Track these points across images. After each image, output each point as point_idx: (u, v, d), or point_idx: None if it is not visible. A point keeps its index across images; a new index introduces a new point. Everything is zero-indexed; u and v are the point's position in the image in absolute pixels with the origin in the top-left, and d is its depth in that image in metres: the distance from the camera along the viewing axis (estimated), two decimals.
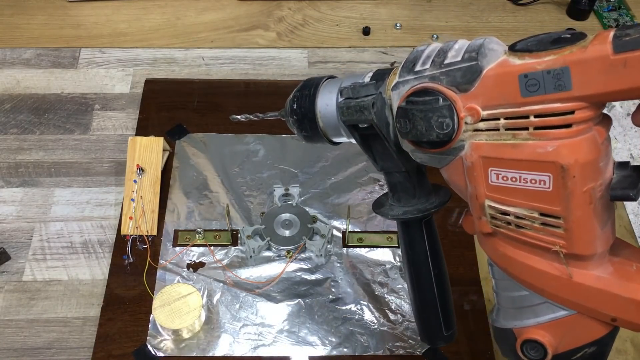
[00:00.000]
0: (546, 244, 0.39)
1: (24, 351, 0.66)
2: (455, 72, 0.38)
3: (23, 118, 0.86)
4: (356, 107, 0.45)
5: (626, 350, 0.69)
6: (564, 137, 0.35)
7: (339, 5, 1.03)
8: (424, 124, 0.40)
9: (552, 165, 0.36)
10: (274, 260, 0.72)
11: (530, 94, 0.35)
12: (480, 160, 0.39)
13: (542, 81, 0.35)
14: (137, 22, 0.99)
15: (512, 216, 0.39)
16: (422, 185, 0.48)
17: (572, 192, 0.36)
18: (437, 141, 0.40)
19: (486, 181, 0.39)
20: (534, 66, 0.35)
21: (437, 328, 0.51)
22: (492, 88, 0.37)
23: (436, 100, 0.39)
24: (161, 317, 0.64)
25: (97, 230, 0.76)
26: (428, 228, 0.50)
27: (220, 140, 0.83)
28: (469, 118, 0.38)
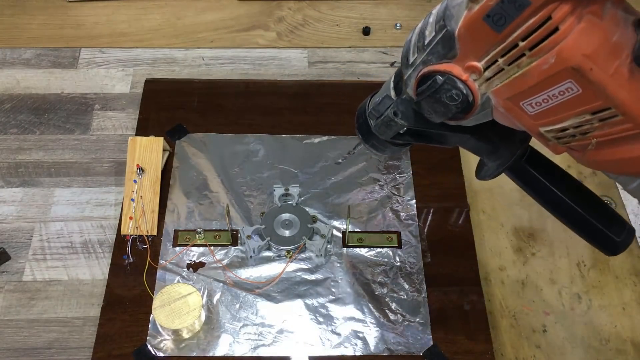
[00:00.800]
0: (619, 134, 0.38)
1: (24, 351, 0.66)
2: (436, 47, 0.40)
3: (23, 118, 0.86)
4: (383, 124, 0.48)
5: (626, 350, 0.69)
6: (558, 42, 0.35)
7: (339, 5, 1.03)
8: (440, 105, 0.41)
9: (565, 72, 0.36)
10: (274, 260, 0.72)
11: (502, 27, 0.36)
12: (507, 102, 0.39)
13: (503, 11, 0.36)
14: (137, 22, 0.99)
15: (571, 129, 0.39)
16: (497, 135, 0.48)
17: (601, 82, 0.35)
18: (460, 110, 0.41)
19: (527, 114, 0.40)
20: (488, 4, 0.36)
21: (608, 239, 0.49)
22: (472, 41, 0.38)
23: (434, 81, 0.40)
24: (161, 317, 0.64)
25: (97, 230, 0.76)
26: (533, 163, 0.49)
27: (220, 140, 0.83)
28: (473, 75, 0.39)
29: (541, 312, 0.71)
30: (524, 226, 0.78)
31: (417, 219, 0.76)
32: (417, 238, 0.74)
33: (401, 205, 0.77)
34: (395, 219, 0.76)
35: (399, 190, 0.79)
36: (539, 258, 0.75)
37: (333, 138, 0.83)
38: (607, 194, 0.80)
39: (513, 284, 0.73)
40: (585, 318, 0.71)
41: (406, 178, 0.80)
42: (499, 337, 0.69)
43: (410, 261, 0.73)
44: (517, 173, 0.49)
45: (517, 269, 0.74)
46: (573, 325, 0.70)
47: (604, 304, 0.72)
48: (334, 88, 0.90)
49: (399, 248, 0.74)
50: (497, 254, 0.76)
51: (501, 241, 0.77)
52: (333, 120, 0.85)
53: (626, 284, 0.74)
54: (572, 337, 0.70)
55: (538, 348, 0.69)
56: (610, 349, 0.69)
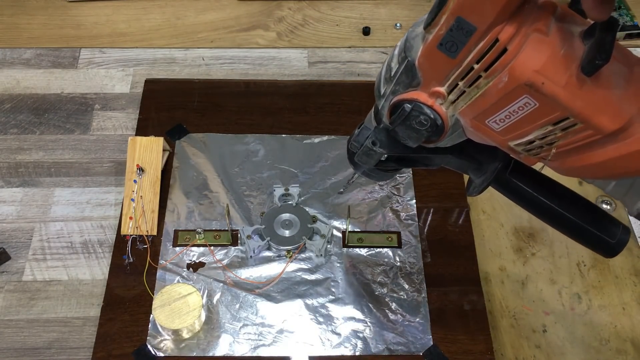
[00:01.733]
0: (584, 141, 0.39)
1: (24, 351, 0.66)
2: (401, 77, 0.42)
3: (23, 118, 0.86)
4: (363, 153, 0.50)
5: (626, 351, 0.69)
6: (509, 61, 0.37)
7: (339, 5, 1.03)
8: (412, 131, 0.44)
9: (519, 89, 0.37)
10: (274, 260, 0.72)
11: (456, 53, 0.38)
12: (474, 121, 0.41)
13: (454, 39, 0.38)
14: (137, 22, 0.99)
15: (537, 140, 0.40)
16: (478, 152, 0.50)
17: (554, 94, 0.37)
18: (432, 133, 0.43)
19: (494, 131, 0.41)
20: (439, 33, 0.38)
21: (603, 242, 0.50)
22: (431, 68, 0.40)
23: (403, 109, 0.43)
24: (161, 317, 0.64)
25: (97, 230, 0.76)
26: (518, 174, 0.50)
27: (220, 140, 0.83)
28: (439, 100, 0.41)
29: (541, 312, 0.71)
30: (524, 226, 0.78)
31: (417, 219, 0.76)
32: (417, 238, 0.74)
33: (401, 205, 0.77)
34: (395, 219, 0.76)
35: (399, 190, 0.79)
36: (539, 258, 0.75)
37: (333, 138, 0.83)
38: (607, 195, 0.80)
39: (513, 284, 0.73)
40: (585, 318, 0.71)
41: (406, 178, 0.80)
42: (499, 337, 0.69)
43: (410, 261, 0.73)
44: (503, 185, 0.50)
45: (517, 269, 0.74)
46: (573, 325, 0.70)
47: (604, 304, 0.72)
48: (334, 88, 0.90)
49: (399, 248, 0.74)
50: (497, 254, 0.76)
51: (501, 241, 0.77)
52: (333, 120, 0.85)
53: (626, 284, 0.74)
54: (572, 337, 0.70)
55: (538, 348, 0.69)
56: (610, 349, 0.69)
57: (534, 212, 0.51)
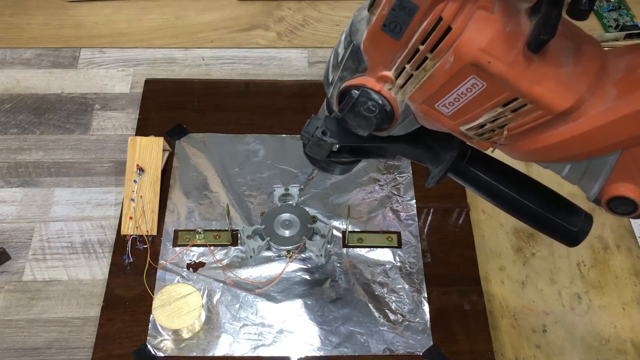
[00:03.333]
0: (534, 122, 0.38)
1: (24, 351, 0.66)
2: (348, 63, 0.41)
3: (23, 118, 0.86)
4: (314, 144, 0.48)
5: (626, 351, 0.69)
6: (454, 41, 0.36)
7: (339, 5, 1.03)
8: (360, 118, 0.42)
9: (466, 69, 0.36)
10: (274, 260, 0.72)
11: (400, 34, 0.37)
12: (423, 106, 0.40)
13: (397, 19, 0.36)
14: (137, 22, 0.99)
15: (488, 124, 0.40)
16: (434, 140, 0.48)
17: (501, 73, 0.36)
18: (382, 120, 0.42)
19: (444, 116, 0.40)
20: (381, 14, 0.37)
21: (565, 230, 0.49)
22: (377, 52, 0.39)
23: (351, 96, 0.41)
24: (161, 317, 0.64)
25: (97, 230, 0.76)
26: (476, 163, 0.49)
27: (220, 140, 0.83)
28: (386, 85, 0.40)
29: (541, 312, 0.71)
30: (524, 226, 0.77)
31: (417, 219, 0.76)
32: (417, 238, 0.74)
33: (401, 205, 0.77)
34: (395, 219, 0.76)
35: (399, 190, 0.79)
36: (539, 258, 0.75)
37: None
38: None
39: (513, 284, 0.73)
40: (585, 318, 0.71)
41: (406, 178, 0.80)
42: (499, 337, 0.69)
43: (410, 261, 0.73)
44: (461, 174, 0.49)
45: (517, 269, 0.74)
46: (573, 325, 0.70)
47: (604, 304, 0.72)
48: None
49: (399, 248, 0.74)
50: (497, 254, 0.76)
51: (501, 241, 0.77)
52: None
53: (626, 284, 0.74)
54: (572, 337, 0.70)
55: (538, 348, 0.69)
56: (610, 349, 0.69)
57: (494, 201, 0.50)
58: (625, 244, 0.77)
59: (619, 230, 0.78)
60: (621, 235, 0.77)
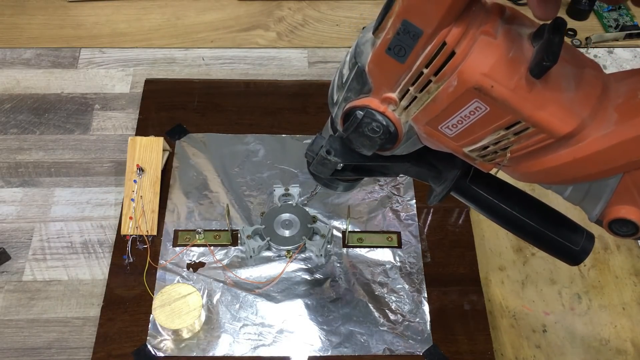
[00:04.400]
0: (537, 145, 0.38)
1: (24, 351, 0.66)
2: (353, 84, 0.41)
3: (23, 118, 0.86)
4: (319, 163, 0.49)
5: (626, 351, 0.69)
6: (457, 65, 0.36)
7: (339, 5, 1.03)
8: (364, 138, 0.43)
9: (469, 93, 0.37)
10: (274, 260, 0.72)
11: (404, 57, 0.37)
12: (427, 127, 0.41)
13: (401, 43, 0.37)
14: (137, 22, 0.99)
15: (491, 146, 0.40)
16: (437, 159, 0.49)
17: (504, 97, 0.36)
18: (387, 140, 0.42)
19: (447, 137, 0.41)
20: (386, 37, 0.37)
21: (566, 249, 0.49)
22: (381, 74, 0.39)
23: (355, 116, 0.42)
24: (161, 317, 0.64)
25: (97, 230, 0.76)
26: (478, 182, 0.49)
27: (220, 140, 0.83)
28: (391, 106, 0.41)
29: (541, 312, 0.71)
30: None
31: (417, 219, 0.76)
32: (417, 238, 0.74)
33: (401, 205, 0.77)
34: (395, 219, 0.76)
35: (399, 190, 0.79)
36: (539, 258, 0.75)
37: None
38: None
39: (513, 284, 0.73)
40: (585, 318, 0.71)
41: (406, 178, 0.80)
42: (499, 337, 0.69)
43: (410, 261, 0.73)
44: (463, 193, 0.49)
45: (517, 269, 0.74)
46: (573, 325, 0.70)
47: (604, 304, 0.72)
48: None
49: (399, 248, 0.74)
50: (497, 254, 0.76)
51: (501, 241, 0.77)
52: None
53: (626, 284, 0.74)
54: (572, 337, 0.70)
55: (538, 348, 0.69)
56: (610, 349, 0.69)
57: (496, 219, 0.50)
58: (625, 244, 0.77)
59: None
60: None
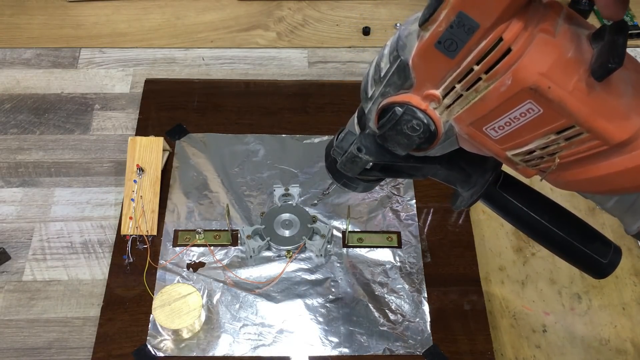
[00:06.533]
0: (588, 152, 0.37)
1: (24, 351, 0.66)
2: (392, 78, 0.39)
3: (23, 118, 0.86)
4: (348, 160, 0.47)
5: (626, 351, 0.69)
6: (513, 63, 0.34)
7: (339, 5, 1.03)
8: (402, 137, 0.41)
9: (523, 93, 0.35)
10: (274, 260, 0.72)
11: (455, 52, 0.36)
12: (470, 128, 0.39)
13: (454, 36, 0.35)
14: (137, 22, 0.99)
15: (537, 150, 0.38)
16: (468, 163, 0.47)
17: (561, 99, 0.34)
18: (424, 140, 0.41)
19: (491, 139, 0.39)
20: (437, 30, 0.35)
21: (593, 262, 0.48)
22: (427, 70, 0.38)
23: (394, 113, 0.40)
24: (161, 317, 0.64)
25: (97, 230, 0.76)
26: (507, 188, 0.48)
27: (220, 140, 0.83)
28: (432, 104, 0.39)
29: (541, 312, 0.71)
30: None
31: (417, 219, 0.76)
32: (417, 238, 0.74)
33: (401, 205, 0.77)
34: (395, 219, 0.76)
35: (399, 190, 0.79)
36: (539, 258, 0.75)
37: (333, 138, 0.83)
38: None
39: (513, 284, 0.73)
40: (585, 318, 0.71)
41: None
42: (499, 337, 0.69)
43: (410, 261, 0.73)
44: (492, 200, 0.48)
45: (517, 269, 0.74)
46: (573, 325, 0.70)
47: (604, 304, 0.72)
48: (334, 88, 0.90)
49: (399, 248, 0.74)
50: (497, 254, 0.76)
51: (501, 241, 0.77)
52: (333, 120, 0.85)
53: (626, 284, 0.74)
54: (572, 337, 0.70)
55: (538, 348, 0.69)
56: (610, 349, 0.69)
57: (523, 228, 0.49)
58: (625, 244, 0.77)
59: (619, 230, 0.78)
60: (621, 235, 0.77)
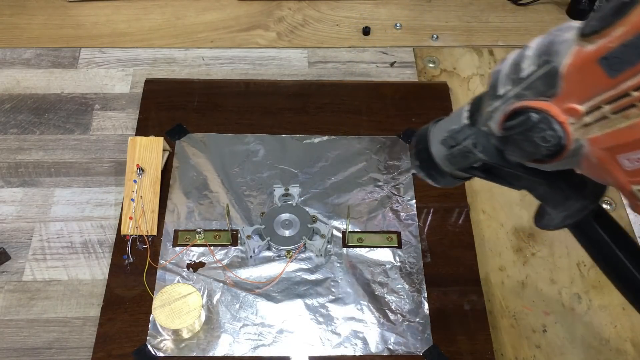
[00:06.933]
0: None
1: (24, 351, 0.66)
2: (536, 83, 0.37)
3: (23, 118, 0.86)
4: (460, 154, 0.45)
5: (626, 351, 0.69)
6: None
7: (339, 5, 1.03)
8: (529, 144, 0.39)
9: None
10: (274, 260, 0.72)
11: (618, 72, 0.33)
12: (604, 152, 0.36)
13: (623, 56, 0.32)
14: (137, 22, 0.99)
15: None
16: (570, 185, 0.45)
17: None
18: (550, 153, 0.38)
19: (622, 169, 0.36)
20: (608, 45, 0.33)
21: None
22: (579, 82, 0.35)
23: (528, 118, 0.38)
24: (161, 317, 0.64)
25: (97, 230, 0.76)
26: (600, 221, 0.46)
27: (220, 140, 0.83)
28: (571, 119, 0.36)
29: (541, 312, 0.71)
30: (524, 226, 0.78)
31: (417, 219, 0.76)
32: (417, 238, 0.74)
33: (401, 205, 0.77)
34: (395, 219, 0.76)
35: (399, 190, 0.79)
36: (539, 258, 0.75)
37: (333, 138, 0.83)
38: (607, 194, 0.80)
39: (513, 284, 0.73)
40: (585, 318, 0.71)
41: (406, 178, 0.80)
42: (499, 337, 0.69)
43: (410, 261, 0.73)
44: (582, 229, 0.46)
45: (517, 269, 0.74)
46: (573, 325, 0.70)
47: (604, 304, 0.72)
48: (334, 88, 0.90)
49: (399, 248, 0.74)
50: (497, 254, 0.76)
51: (501, 241, 0.77)
52: (333, 120, 0.85)
53: None
54: (572, 337, 0.70)
55: (538, 348, 0.69)
56: (610, 349, 0.69)
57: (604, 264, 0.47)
58: None
59: None
60: None
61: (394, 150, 0.82)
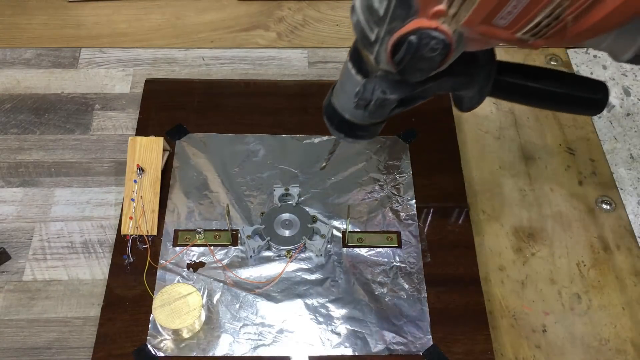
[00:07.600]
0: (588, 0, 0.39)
1: (24, 351, 0.66)
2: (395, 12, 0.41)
3: (23, 118, 0.86)
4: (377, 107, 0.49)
5: (626, 351, 0.69)
6: None
7: (339, 5, 1.03)
8: (423, 62, 0.42)
9: None
10: (274, 260, 0.72)
11: None
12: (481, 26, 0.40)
13: None
14: (137, 22, 0.99)
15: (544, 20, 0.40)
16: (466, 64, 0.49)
17: None
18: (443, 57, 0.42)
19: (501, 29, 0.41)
20: None
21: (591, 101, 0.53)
22: None
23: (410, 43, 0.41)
24: (161, 317, 0.64)
25: (97, 230, 0.76)
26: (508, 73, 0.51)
27: (220, 140, 0.83)
28: (440, 19, 0.41)
29: (541, 312, 0.71)
30: (524, 226, 0.78)
31: (417, 219, 0.76)
32: (417, 238, 0.74)
33: (401, 205, 0.77)
34: (395, 219, 0.76)
35: (399, 190, 0.79)
36: (539, 258, 0.75)
37: (333, 138, 0.83)
38: (607, 195, 0.80)
39: (513, 284, 0.73)
40: (585, 318, 0.71)
41: (406, 178, 0.80)
42: (499, 337, 0.69)
43: (410, 261, 0.73)
44: (501, 88, 0.51)
45: (517, 269, 0.74)
46: (573, 325, 0.71)
47: (604, 304, 0.72)
48: None
49: (399, 248, 0.74)
50: (497, 254, 0.76)
51: (501, 241, 0.77)
52: None
53: (626, 284, 0.74)
54: (572, 337, 0.70)
55: (538, 348, 0.69)
56: (610, 349, 0.69)
57: (528, 101, 0.53)
58: (625, 244, 0.77)
59: (619, 230, 0.78)
60: (621, 235, 0.77)
61: (394, 150, 0.82)
